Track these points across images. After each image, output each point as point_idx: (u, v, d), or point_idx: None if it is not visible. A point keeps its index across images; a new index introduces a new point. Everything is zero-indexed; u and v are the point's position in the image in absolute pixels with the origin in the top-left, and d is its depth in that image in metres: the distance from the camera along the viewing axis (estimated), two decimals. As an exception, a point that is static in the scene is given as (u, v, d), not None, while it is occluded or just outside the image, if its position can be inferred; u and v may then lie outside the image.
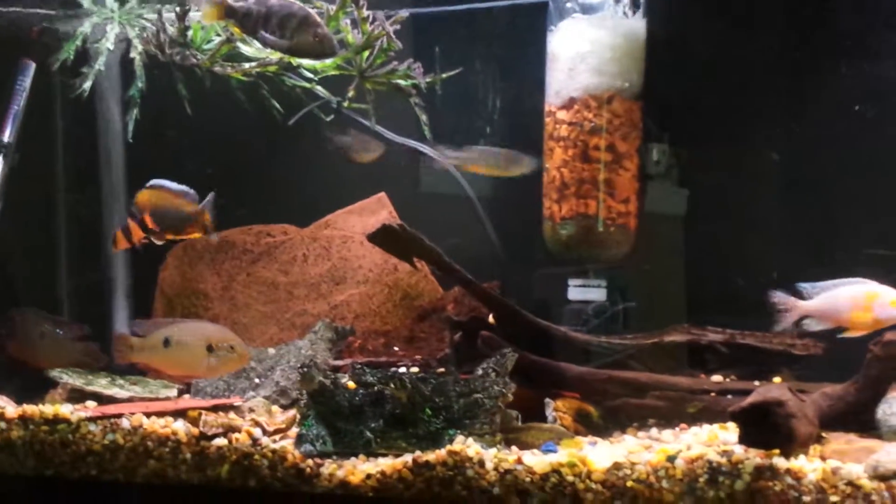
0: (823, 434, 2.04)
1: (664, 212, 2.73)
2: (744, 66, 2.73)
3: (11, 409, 2.36)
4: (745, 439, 1.91)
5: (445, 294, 2.86)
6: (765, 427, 1.88)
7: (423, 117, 2.71)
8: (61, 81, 2.79)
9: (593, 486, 1.96)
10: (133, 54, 2.67)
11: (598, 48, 2.58)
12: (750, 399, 1.91)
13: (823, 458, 1.92)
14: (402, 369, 2.40)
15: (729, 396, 2.23)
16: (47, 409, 2.34)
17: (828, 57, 2.64)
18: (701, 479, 1.90)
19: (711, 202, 2.75)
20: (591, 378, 2.32)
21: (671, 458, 1.94)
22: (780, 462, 1.87)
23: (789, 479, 1.85)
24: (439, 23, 2.86)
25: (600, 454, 2.03)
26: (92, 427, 2.28)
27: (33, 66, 2.77)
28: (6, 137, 2.70)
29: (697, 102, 2.73)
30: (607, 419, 2.29)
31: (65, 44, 2.67)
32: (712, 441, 2.07)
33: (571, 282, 2.62)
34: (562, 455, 2.03)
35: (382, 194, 2.95)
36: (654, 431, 2.23)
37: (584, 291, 2.61)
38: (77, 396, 2.55)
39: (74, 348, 2.75)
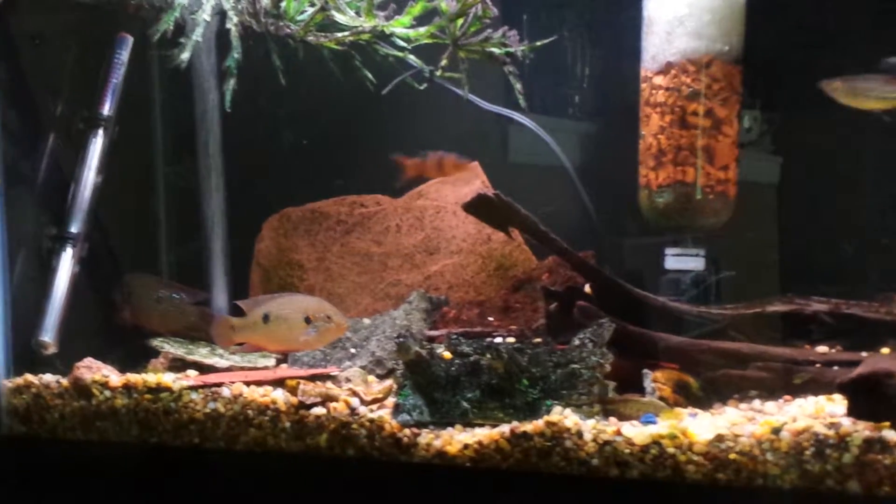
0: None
1: (757, 180, 2.66)
2: (842, 28, 2.64)
3: (115, 378, 2.41)
4: (853, 411, 1.86)
5: (540, 264, 2.84)
6: (874, 399, 1.83)
7: (518, 86, 2.68)
8: (159, 54, 2.82)
9: (695, 458, 1.93)
10: (228, 25, 2.68)
11: (697, 11, 2.51)
12: (859, 370, 1.86)
13: (936, 432, 1.86)
14: (498, 339, 2.39)
15: (835, 368, 2.17)
16: (150, 377, 2.39)
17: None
18: (807, 452, 1.86)
19: (806, 169, 2.67)
20: (690, 348, 2.28)
21: (776, 431, 1.90)
22: (890, 434, 1.82)
23: (900, 453, 1.80)
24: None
25: (701, 426, 2.00)
26: (193, 396, 2.32)
27: (131, 39, 2.80)
28: (106, 111, 2.74)
29: (790, 66, 2.65)
30: (707, 390, 2.25)
31: (162, 16, 2.69)
32: (819, 413, 2.02)
33: (668, 251, 2.57)
34: (662, 427, 2.00)
35: (475, 163, 2.93)
36: (756, 403, 2.18)
37: (682, 261, 2.56)
38: (178, 365, 2.60)
39: (192, 312, 2.78)
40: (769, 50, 2.61)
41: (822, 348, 2.30)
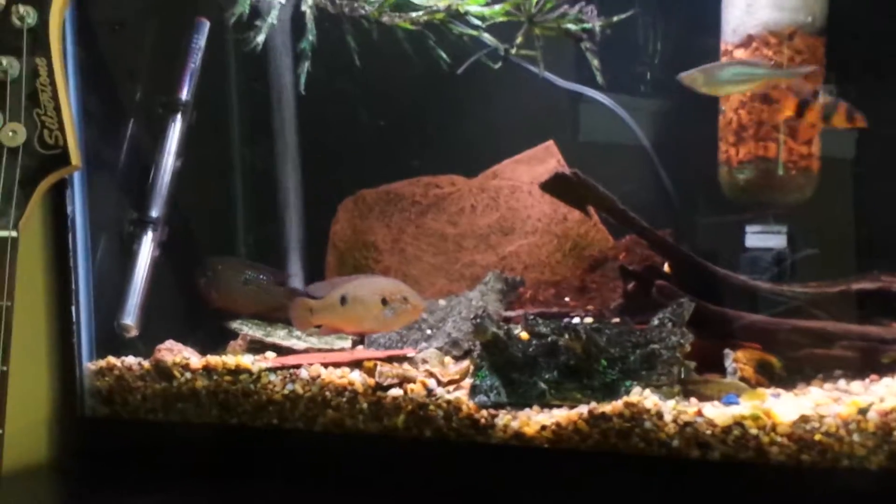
0: None
1: (830, 155, 2.58)
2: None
3: (196, 360, 2.44)
4: (943, 391, 1.81)
5: (616, 243, 2.80)
6: (966, 378, 1.78)
7: (595, 62, 2.64)
8: (235, 38, 2.84)
9: (778, 439, 1.89)
10: (304, 7, 2.69)
11: (779, -19, 2.45)
12: (949, 349, 1.81)
13: None
14: (576, 320, 2.36)
15: (924, 347, 2.12)
16: (229, 359, 2.42)
17: None
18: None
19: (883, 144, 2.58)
20: (773, 328, 2.23)
21: (863, 411, 1.85)
22: (983, 415, 1.76)
23: None
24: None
25: (785, 406, 1.96)
26: (272, 377, 2.34)
27: (207, 24, 2.82)
28: (184, 95, 2.77)
29: (866, 37, 2.56)
30: (791, 370, 2.20)
31: (238, 1, 2.71)
32: (907, 393, 1.96)
33: (749, 228, 2.52)
34: (744, 407, 1.96)
35: (551, 142, 2.90)
36: (841, 383, 2.12)
37: (763, 238, 2.51)
38: (257, 347, 2.62)
39: (279, 293, 2.81)
40: (844, 20, 2.52)
41: (910, 327, 2.24)
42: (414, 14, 2.71)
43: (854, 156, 2.60)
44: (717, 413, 1.95)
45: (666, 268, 2.41)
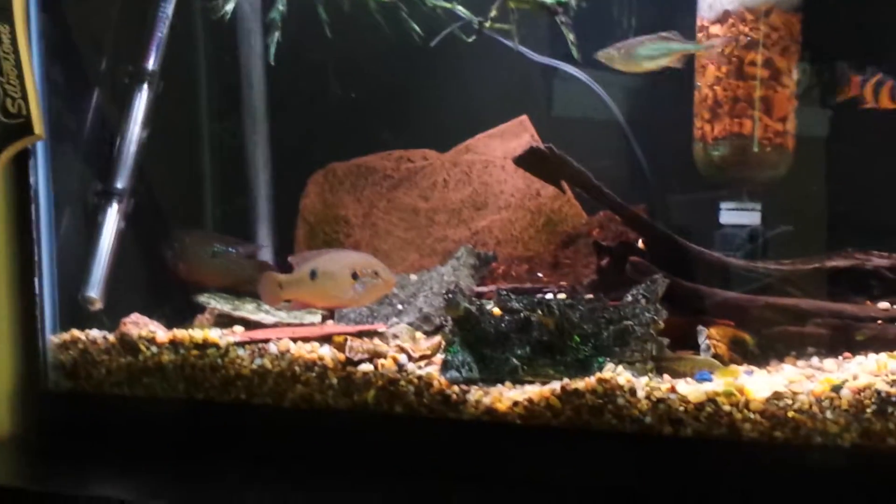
0: None
1: (804, 134, 2.58)
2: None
3: (162, 334, 2.41)
4: (917, 369, 1.81)
5: (590, 219, 2.79)
6: (940, 356, 1.78)
7: (571, 36, 2.61)
8: (203, 7, 2.79)
9: (752, 416, 1.88)
10: (273, -24, 2.64)
11: (757, -44, 2.43)
12: (924, 326, 1.80)
13: None
14: (549, 296, 2.34)
15: (898, 324, 2.12)
16: (197, 333, 2.38)
17: None
18: (868, 410, 1.81)
19: (856, 124, 2.58)
20: (747, 305, 2.22)
21: (836, 388, 1.85)
22: (956, 393, 1.76)
23: (966, 412, 1.75)
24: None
25: (758, 383, 1.95)
26: (240, 352, 2.31)
27: (175, -7, 2.77)
28: (151, 65, 2.72)
29: (841, 16, 2.55)
30: (764, 347, 2.20)
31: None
32: (880, 370, 1.95)
33: (723, 205, 2.51)
34: (718, 384, 1.96)
35: (524, 117, 2.88)
36: (814, 360, 2.13)
37: (737, 215, 2.50)
38: (225, 321, 2.58)
39: (249, 266, 2.77)
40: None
41: (883, 304, 2.23)
42: (386, -15, 2.67)
43: (828, 134, 2.59)
44: (690, 390, 1.94)
45: (640, 244, 2.39)
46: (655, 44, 2.46)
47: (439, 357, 2.23)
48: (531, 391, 2.05)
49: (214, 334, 2.37)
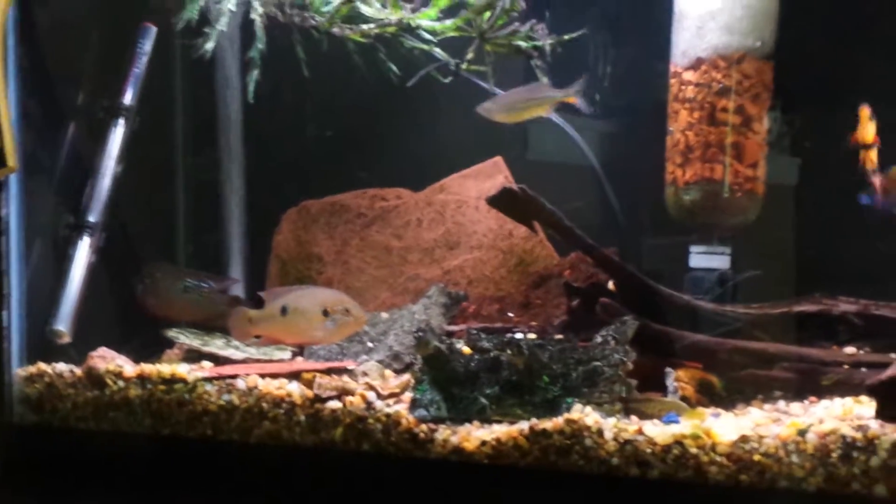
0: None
1: (774, 181, 2.60)
2: (869, 26, 2.59)
3: (130, 369, 2.40)
4: (882, 414, 1.81)
5: (561, 260, 2.80)
6: (905, 402, 1.79)
7: (545, 80, 2.64)
8: (182, 44, 2.80)
9: (718, 458, 1.88)
10: (253, 15, 2.66)
11: (730, 5, 2.46)
12: (889, 372, 1.81)
13: (967, 437, 1.81)
14: (519, 335, 2.35)
15: (863, 369, 2.12)
16: (164, 368, 2.37)
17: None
18: (833, 455, 1.81)
19: (826, 171, 2.61)
20: (715, 347, 2.23)
21: (802, 432, 1.85)
22: (920, 439, 1.77)
23: (930, 458, 1.75)
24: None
25: (725, 426, 1.95)
26: (208, 387, 2.30)
27: (154, 29, 2.79)
28: (128, 101, 2.73)
29: (811, 66, 2.60)
30: (731, 390, 2.20)
31: (187, 5, 2.67)
32: (846, 415, 1.96)
33: (693, 249, 2.53)
34: (685, 426, 1.95)
35: (499, 158, 2.90)
36: (781, 404, 2.13)
37: (707, 259, 2.51)
38: (193, 357, 2.57)
39: (221, 301, 2.75)
40: (790, 49, 2.55)
41: (849, 349, 2.24)
42: (365, 26, 2.70)
43: (797, 180, 2.63)
44: (657, 431, 1.94)
45: (610, 285, 2.40)
46: (524, 95, 2.55)
47: (408, 395, 2.22)
48: (499, 431, 2.05)
49: (182, 369, 2.36)
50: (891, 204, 2.20)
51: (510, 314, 2.65)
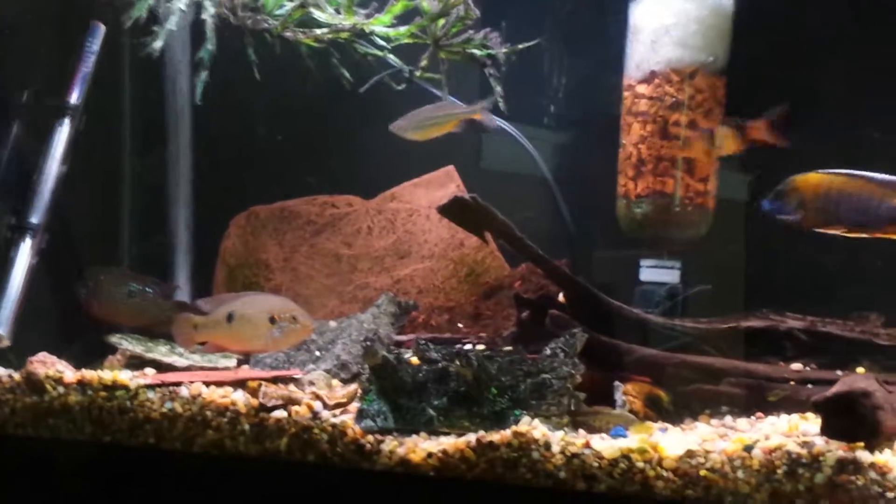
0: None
1: (725, 197, 2.62)
2: (822, 45, 2.61)
3: (70, 374, 2.34)
4: (827, 430, 1.82)
5: (512, 271, 2.80)
6: (849, 418, 1.79)
7: (498, 88, 2.63)
8: (131, 43, 2.76)
9: (664, 473, 1.88)
10: (204, 16, 2.62)
11: (684, 20, 2.48)
12: (835, 389, 1.81)
13: (911, 454, 1.83)
14: (468, 346, 2.34)
15: (809, 386, 2.14)
16: (106, 375, 2.32)
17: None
18: (779, 471, 1.82)
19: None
20: (663, 362, 2.24)
21: (748, 448, 1.86)
22: (864, 456, 1.77)
23: (873, 474, 1.76)
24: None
25: (672, 441, 1.95)
26: (150, 395, 2.25)
27: (103, 28, 2.74)
28: (73, 100, 2.68)
29: (763, 82, 2.62)
30: (678, 405, 2.21)
31: (136, 4, 2.63)
32: (792, 431, 1.98)
33: (644, 262, 2.53)
34: (632, 440, 1.95)
35: (451, 167, 2.89)
36: (728, 419, 2.14)
37: (657, 272, 2.52)
38: (136, 363, 2.53)
39: (166, 306, 2.70)
40: (743, 64, 2.57)
41: (796, 365, 2.26)
42: (318, 31, 2.67)
43: (747, 196, 2.64)
44: (604, 445, 1.94)
45: (560, 298, 2.40)
46: (431, 113, 2.58)
47: (355, 405, 2.20)
48: (446, 443, 2.03)
49: (124, 376, 2.31)
50: (784, 210, 2.22)
51: (460, 325, 2.65)
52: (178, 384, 2.27)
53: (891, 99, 2.56)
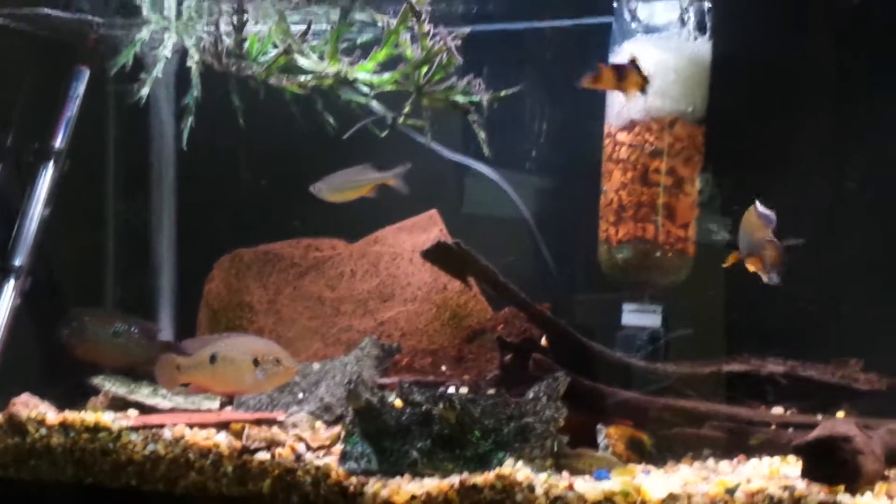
0: (890, 472, 1.96)
1: (706, 241, 2.65)
2: (798, 93, 2.66)
3: (52, 416, 2.34)
4: (808, 474, 1.84)
5: (495, 314, 2.81)
6: (830, 462, 1.81)
7: (482, 135, 2.66)
8: (115, 89, 2.78)
9: (647, 516, 1.89)
10: (190, 63, 2.65)
11: (662, 70, 2.52)
12: (816, 433, 1.84)
13: (890, 497, 1.83)
14: (451, 389, 2.34)
15: (790, 429, 2.16)
16: (88, 416, 2.32)
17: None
18: (761, 514, 1.83)
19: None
20: (646, 405, 2.25)
21: (730, 491, 1.87)
22: (844, 499, 1.79)
23: (854, 517, 1.78)
24: (497, 41, 2.83)
25: (655, 484, 1.96)
26: (133, 436, 2.25)
27: (87, 72, 2.76)
28: (58, 143, 2.70)
29: (742, 131, 2.66)
30: (661, 448, 2.22)
31: (122, 51, 2.66)
32: (773, 474, 1.99)
33: (626, 306, 2.56)
34: (615, 483, 1.96)
35: (434, 211, 2.91)
36: (710, 462, 2.16)
37: (639, 317, 2.54)
38: (119, 405, 2.53)
39: (152, 347, 2.69)
40: (721, 113, 2.62)
41: (777, 409, 2.29)
42: (302, 78, 2.69)
43: (727, 240, 2.67)
44: (587, 487, 1.94)
45: (543, 341, 2.41)
46: (348, 177, 2.69)
47: (339, 448, 2.20)
48: (430, 485, 2.03)
49: (107, 418, 2.31)
50: None
51: (443, 368, 2.65)
52: (161, 426, 2.27)
53: (866, 149, 2.61)
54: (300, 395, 2.54)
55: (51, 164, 2.68)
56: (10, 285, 2.55)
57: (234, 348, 2.33)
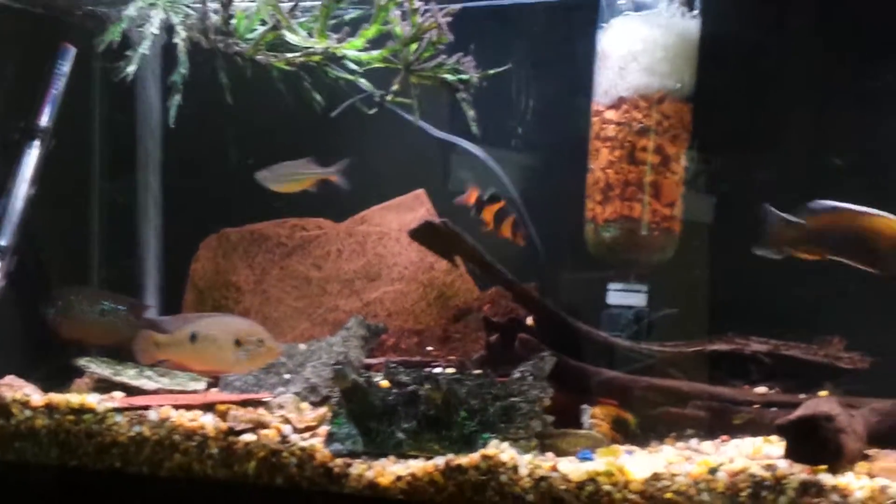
0: (872, 451, 1.96)
1: (690, 219, 2.65)
2: (786, 71, 2.65)
3: (37, 398, 2.33)
4: (791, 453, 1.84)
5: (481, 294, 2.81)
6: (812, 441, 1.82)
7: (471, 113, 2.65)
8: (102, 66, 2.76)
9: (631, 496, 1.89)
10: (176, 40, 2.62)
11: (651, 47, 2.50)
12: (798, 412, 1.84)
13: (872, 476, 1.84)
14: (437, 370, 2.34)
15: (773, 409, 2.16)
16: (73, 398, 2.31)
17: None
18: (743, 494, 1.83)
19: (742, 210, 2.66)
20: (630, 385, 2.26)
21: (713, 471, 1.87)
22: (826, 478, 1.79)
23: (835, 497, 1.77)
24: (485, 17, 2.81)
25: (638, 464, 1.96)
26: (118, 418, 2.25)
27: (73, 50, 2.74)
28: (43, 122, 2.68)
29: (731, 106, 2.65)
30: (645, 428, 2.23)
31: (109, 28, 2.63)
32: (756, 454, 2.00)
33: (611, 286, 2.55)
34: (599, 463, 1.96)
35: (421, 191, 2.91)
36: (693, 442, 2.16)
37: (624, 296, 2.54)
38: (104, 386, 2.52)
39: (140, 324, 2.68)
40: (707, 90, 2.60)
41: (760, 389, 2.29)
42: (290, 55, 2.67)
43: (701, 220, 2.67)
44: (571, 468, 1.95)
45: (529, 321, 2.41)
46: (290, 169, 2.76)
47: (325, 429, 2.20)
48: (415, 466, 2.03)
49: (92, 399, 2.30)
50: None
51: (429, 348, 2.65)
52: (147, 408, 2.26)
53: (854, 127, 2.60)
54: (286, 376, 2.54)
55: (36, 142, 2.66)
56: (-4, 266, 2.53)
57: (215, 328, 2.34)
